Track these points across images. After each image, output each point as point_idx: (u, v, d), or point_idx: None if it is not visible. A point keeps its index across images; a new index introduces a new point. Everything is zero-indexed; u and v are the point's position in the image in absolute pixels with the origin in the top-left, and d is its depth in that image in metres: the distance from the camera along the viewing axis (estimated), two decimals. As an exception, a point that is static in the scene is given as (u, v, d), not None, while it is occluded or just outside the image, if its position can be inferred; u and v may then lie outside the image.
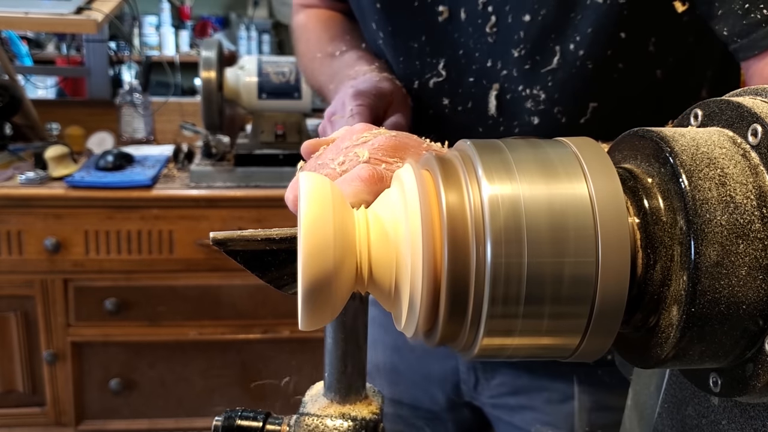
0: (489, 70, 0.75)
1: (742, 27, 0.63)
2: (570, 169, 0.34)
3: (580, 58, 0.71)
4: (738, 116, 0.34)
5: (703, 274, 0.31)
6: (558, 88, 0.73)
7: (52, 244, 1.84)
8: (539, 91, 0.73)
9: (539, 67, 0.72)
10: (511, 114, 0.76)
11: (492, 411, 0.94)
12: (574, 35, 0.70)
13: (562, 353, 0.35)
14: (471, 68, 0.76)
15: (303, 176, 0.36)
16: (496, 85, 0.75)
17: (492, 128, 0.77)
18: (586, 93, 0.73)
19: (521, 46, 0.72)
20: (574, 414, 0.89)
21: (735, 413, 0.37)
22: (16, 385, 1.98)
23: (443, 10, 0.74)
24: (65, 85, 2.97)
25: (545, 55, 0.72)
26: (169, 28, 3.93)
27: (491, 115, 0.76)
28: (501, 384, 0.92)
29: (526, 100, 0.74)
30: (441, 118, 0.79)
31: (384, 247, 0.36)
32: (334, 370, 0.47)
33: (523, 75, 0.73)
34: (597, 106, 0.74)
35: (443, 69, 0.77)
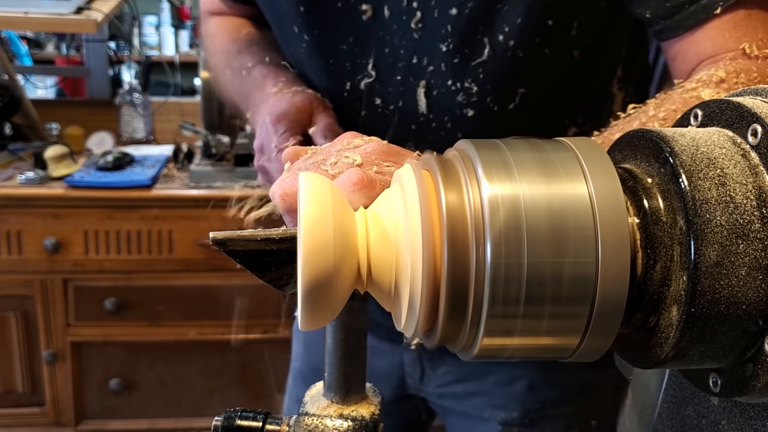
0: (415, 67, 0.75)
1: (665, 9, 0.65)
2: (570, 169, 0.34)
3: (510, 48, 0.71)
4: (738, 116, 0.34)
5: (702, 275, 0.31)
6: (489, 79, 0.73)
7: (52, 244, 1.84)
8: (471, 83, 0.74)
9: (469, 60, 0.72)
10: (442, 109, 0.76)
11: (439, 401, 0.95)
12: (503, 26, 0.70)
13: (561, 353, 0.35)
14: (398, 66, 0.76)
15: (303, 176, 0.36)
16: (423, 82, 0.75)
17: (424, 125, 0.77)
18: (516, 81, 0.74)
19: (449, 41, 0.72)
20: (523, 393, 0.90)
21: (735, 413, 0.37)
22: (16, 385, 1.98)
23: (366, 8, 0.74)
24: (65, 85, 2.97)
25: (474, 47, 0.72)
26: (168, 28, 3.92)
27: (422, 112, 0.76)
28: (447, 372, 0.92)
29: (457, 94, 0.74)
30: (374, 118, 0.79)
31: (384, 247, 0.36)
32: (333, 370, 0.47)
33: (452, 69, 0.73)
34: (525, 91, 0.74)
35: (372, 69, 0.77)
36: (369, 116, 0.79)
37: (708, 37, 0.65)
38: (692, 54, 0.66)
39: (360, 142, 0.53)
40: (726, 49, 0.64)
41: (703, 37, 0.65)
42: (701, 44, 0.65)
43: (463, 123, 0.76)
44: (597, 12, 0.73)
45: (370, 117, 0.79)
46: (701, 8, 0.64)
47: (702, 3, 0.64)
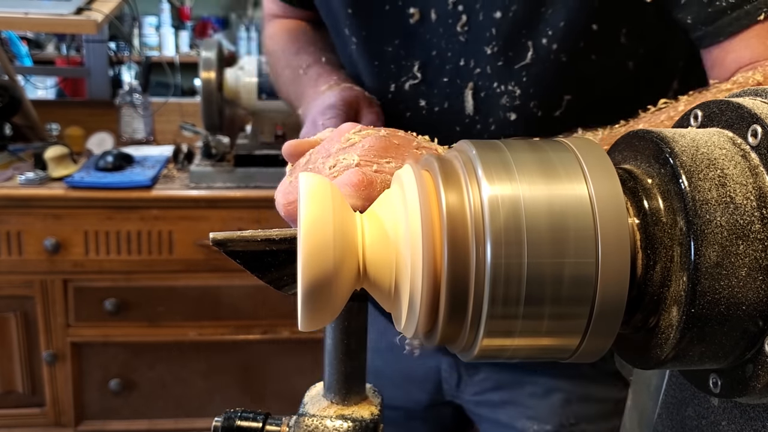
0: (462, 69, 0.75)
1: (707, 14, 0.64)
2: (570, 170, 0.34)
3: (553, 51, 0.71)
4: (738, 117, 0.34)
5: (702, 275, 0.31)
6: (532, 82, 0.73)
7: (52, 245, 1.84)
8: (514, 87, 0.74)
9: (513, 63, 0.73)
10: (487, 111, 0.76)
11: (475, 409, 0.94)
12: (546, 29, 0.70)
13: (562, 354, 0.35)
14: (445, 68, 0.76)
15: (303, 177, 0.36)
16: (471, 84, 0.75)
17: (469, 127, 0.77)
18: (561, 86, 0.74)
19: (494, 43, 0.72)
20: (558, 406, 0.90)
21: (735, 414, 0.37)
22: (16, 386, 1.98)
23: (414, 12, 0.75)
24: (65, 86, 2.97)
25: (518, 50, 0.72)
26: (169, 29, 3.93)
27: (468, 113, 0.76)
28: (484, 380, 0.92)
29: (501, 97, 0.75)
30: (419, 120, 0.79)
31: (384, 247, 0.36)
32: (333, 370, 0.47)
33: (496, 72, 0.74)
34: (571, 98, 0.74)
35: (418, 71, 0.78)
36: (413, 117, 0.79)
37: (747, 45, 0.64)
38: (730, 61, 0.66)
39: (356, 137, 0.52)
40: (765, 57, 0.64)
41: (743, 44, 0.64)
42: (739, 51, 0.65)
43: (506, 127, 0.76)
44: (646, 19, 0.71)
45: (414, 118, 0.79)
46: (744, 14, 0.63)
47: (745, 9, 0.63)
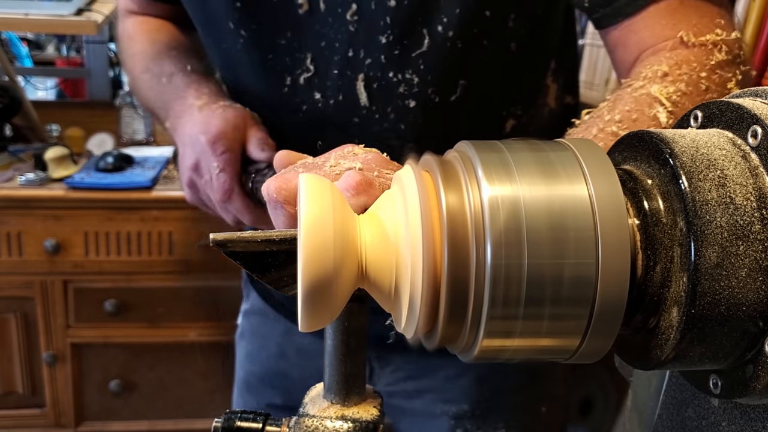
0: (352, 60, 0.74)
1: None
2: (570, 171, 0.34)
3: (449, 39, 0.71)
4: (738, 118, 0.34)
5: (703, 276, 0.31)
6: (430, 70, 0.73)
7: (52, 246, 1.84)
8: (412, 75, 0.74)
9: (409, 51, 0.73)
10: (384, 101, 0.75)
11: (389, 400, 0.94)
12: (441, 17, 0.70)
13: (562, 355, 0.35)
14: (334, 59, 0.75)
15: (303, 177, 0.36)
16: (362, 75, 0.75)
17: (367, 118, 0.77)
18: (456, 72, 0.74)
19: (388, 32, 0.72)
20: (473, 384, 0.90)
21: (735, 415, 0.37)
22: (16, 387, 1.98)
23: (302, 2, 0.74)
24: (65, 87, 2.97)
25: (414, 38, 0.72)
26: (169, 30, 3.92)
27: (363, 104, 0.76)
28: (396, 370, 0.92)
29: (398, 86, 0.74)
30: (315, 113, 0.78)
31: (384, 248, 0.36)
32: (334, 371, 0.47)
33: (392, 60, 0.73)
34: (466, 83, 0.75)
35: (311, 63, 0.76)
36: (309, 111, 0.78)
37: (646, 25, 0.65)
38: (632, 43, 0.67)
39: (360, 151, 0.52)
40: (665, 38, 0.65)
41: (641, 25, 0.66)
42: (640, 32, 0.66)
43: (405, 114, 0.76)
44: (532, 3, 0.74)
45: (310, 112, 0.78)
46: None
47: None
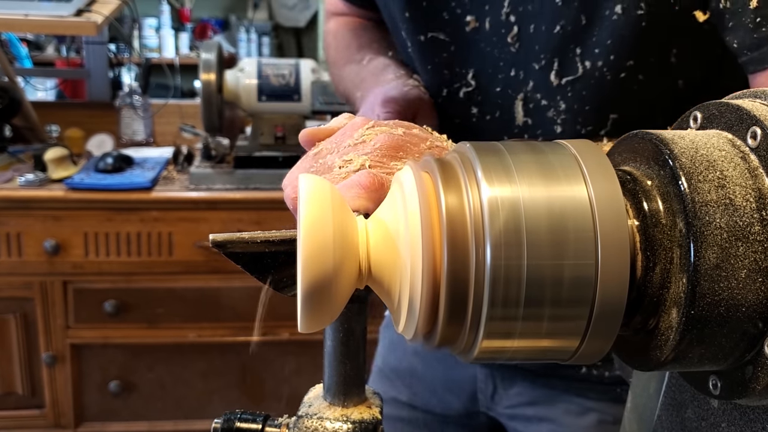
0: (513, 80, 0.75)
1: (753, 40, 0.62)
2: (569, 172, 0.34)
3: (599, 68, 0.70)
4: (737, 119, 0.35)
5: (702, 277, 0.31)
6: (578, 98, 0.73)
7: (52, 246, 1.84)
8: (560, 101, 0.74)
9: (560, 78, 0.73)
10: (537, 123, 0.76)
11: (508, 422, 0.94)
12: (593, 47, 0.70)
13: (561, 355, 0.35)
14: (497, 78, 0.76)
15: (302, 178, 0.36)
16: (521, 95, 0.76)
17: (519, 136, 0.78)
18: (607, 104, 0.73)
19: (542, 56, 0.73)
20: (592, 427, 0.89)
21: (734, 416, 0.37)
22: (15, 387, 1.98)
23: (470, 20, 0.75)
24: (65, 87, 2.97)
25: (565, 65, 0.72)
26: (168, 31, 3.92)
27: (518, 124, 0.77)
28: (518, 394, 0.91)
29: (548, 110, 0.75)
30: (468, 127, 0.79)
31: (383, 249, 0.36)
32: (333, 372, 0.47)
33: (544, 85, 0.74)
34: (617, 117, 0.73)
35: (472, 79, 0.78)
36: (463, 124, 0.80)
37: None
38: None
39: (370, 133, 0.52)
40: None
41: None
42: None
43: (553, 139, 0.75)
44: (701, 40, 0.70)
45: (464, 125, 0.79)
46: None
47: None
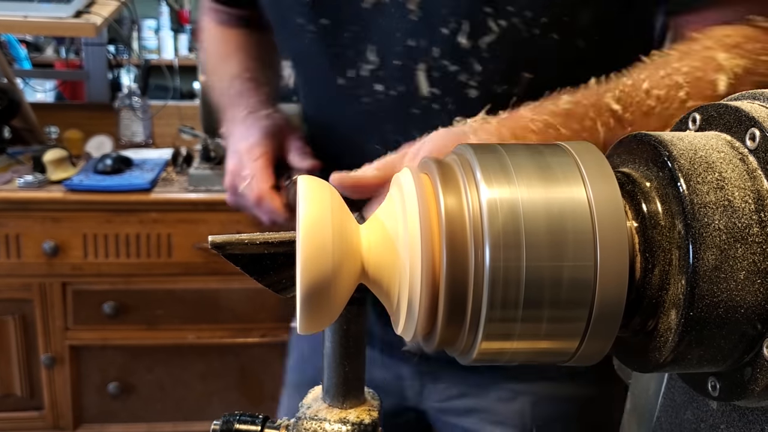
0: (414, 50, 0.74)
1: None
2: (568, 173, 0.34)
3: (514, 26, 0.71)
4: (736, 120, 0.35)
5: (701, 278, 0.31)
6: (494, 59, 0.73)
7: (51, 248, 1.83)
8: (474, 63, 0.73)
9: (473, 40, 0.72)
10: (445, 91, 0.75)
11: (439, 416, 0.94)
12: (505, 4, 0.70)
13: (560, 357, 0.35)
14: (395, 50, 0.75)
15: (301, 179, 0.36)
16: (423, 65, 0.75)
17: (427, 108, 0.77)
18: (521, 63, 0.74)
19: (450, 20, 0.72)
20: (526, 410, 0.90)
21: (733, 417, 0.37)
22: (14, 389, 1.97)
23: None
24: (64, 89, 2.97)
25: (480, 28, 0.72)
26: (168, 32, 3.92)
27: (424, 95, 0.76)
28: (447, 387, 0.91)
29: (459, 75, 0.74)
30: (377, 105, 0.79)
31: (383, 250, 0.36)
32: (332, 374, 0.47)
33: (455, 50, 0.73)
34: (531, 77, 0.74)
35: (374, 55, 0.77)
36: (371, 103, 0.79)
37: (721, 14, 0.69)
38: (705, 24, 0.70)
39: None
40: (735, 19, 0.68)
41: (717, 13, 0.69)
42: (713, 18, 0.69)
43: (466, 106, 0.74)
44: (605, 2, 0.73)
45: (372, 104, 0.79)
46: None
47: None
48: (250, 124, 0.83)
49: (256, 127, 0.82)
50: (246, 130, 0.83)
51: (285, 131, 0.83)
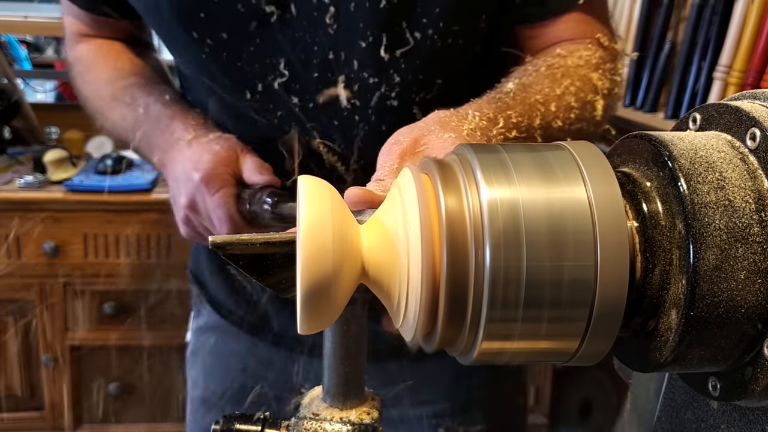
0: (332, 62, 0.74)
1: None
2: (569, 173, 0.34)
3: (430, 37, 0.72)
4: (736, 120, 0.35)
5: (701, 278, 0.31)
6: (412, 69, 0.74)
7: (51, 248, 1.83)
8: (393, 74, 0.74)
9: (390, 51, 0.73)
10: (365, 101, 0.76)
11: None
12: (420, 17, 0.71)
13: (561, 357, 0.35)
14: (313, 63, 0.74)
15: (302, 179, 0.36)
16: (342, 77, 0.75)
17: (348, 119, 0.76)
18: (436, 70, 0.75)
19: (369, 33, 0.72)
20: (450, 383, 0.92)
21: (734, 417, 0.37)
22: (15, 390, 1.97)
23: (271, 10, 0.73)
24: (64, 89, 2.96)
25: (396, 38, 0.72)
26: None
27: (344, 106, 0.76)
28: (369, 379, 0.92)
29: (379, 86, 0.74)
30: (292, 118, 0.78)
31: (383, 250, 0.36)
32: (333, 374, 0.47)
33: (374, 61, 0.73)
34: (442, 83, 0.76)
35: (284, 68, 0.75)
36: (286, 116, 0.78)
37: (566, 26, 0.76)
38: (552, 36, 0.77)
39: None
40: (583, 36, 0.76)
41: (563, 25, 0.76)
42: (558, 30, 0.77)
43: (387, 115, 0.76)
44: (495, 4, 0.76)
45: (287, 117, 0.78)
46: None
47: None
48: (198, 151, 0.75)
49: (207, 153, 0.74)
50: (196, 158, 0.74)
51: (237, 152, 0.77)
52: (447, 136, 0.53)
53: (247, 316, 0.96)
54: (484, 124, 0.58)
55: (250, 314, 0.96)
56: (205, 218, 0.76)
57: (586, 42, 0.76)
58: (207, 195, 0.73)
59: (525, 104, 0.65)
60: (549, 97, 0.67)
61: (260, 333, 0.96)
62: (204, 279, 1.02)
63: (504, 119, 0.61)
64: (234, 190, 0.75)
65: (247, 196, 0.75)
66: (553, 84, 0.68)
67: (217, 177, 0.73)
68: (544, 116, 0.65)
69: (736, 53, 1.26)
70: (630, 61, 1.60)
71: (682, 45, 1.40)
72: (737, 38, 1.26)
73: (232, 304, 0.97)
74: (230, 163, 0.75)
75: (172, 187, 0.78)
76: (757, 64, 1.22)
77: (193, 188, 0.74)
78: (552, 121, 0.66)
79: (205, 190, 0.73)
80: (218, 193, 0.73)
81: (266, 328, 0.95)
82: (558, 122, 0.67)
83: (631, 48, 1.60)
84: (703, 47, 1.34)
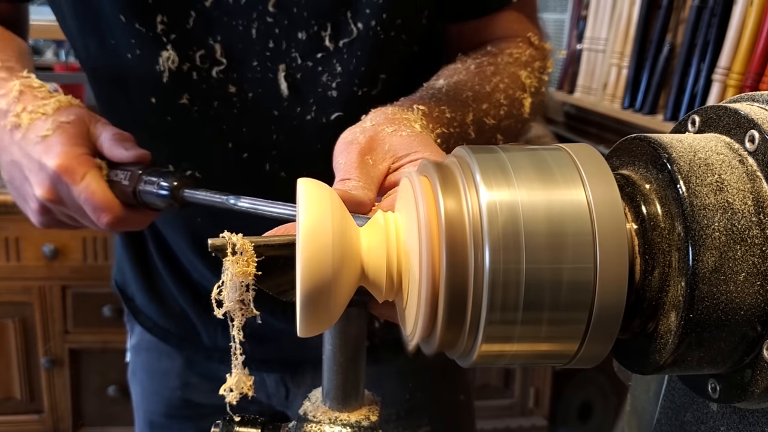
0: (273, 51, 0.73)
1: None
2: (568, 175, 0.34)
3: (372, 28, 0.72)
4: (735, 122, 0.35)
5: (701, 280, 0.31)
6: (354, 60, 0.73)
7: (51, 251, 1.83)
8: (336, 64, 0.73)
9: (333, 41, 0.73)
10: (306, 92, 0.75)
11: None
12: (364, 8, 0.71)
13: (560, 359, 0.35)
14: (252, 51, 0.73)
15: (301, 182, 0.36)
16: (283, 66, 0.73)
17: (289, 109, 0.75)
18: (378, 63, 0.75)
19: (312, 22, 0.71)
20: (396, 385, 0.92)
21: (734, 419, 0.37)
22: (14, 392, 1.97)
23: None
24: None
25: (339, 28, 0.72)
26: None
27: (285, 96, 0.75)
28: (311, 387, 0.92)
29: (321, 75, 0.74)
30: (231, 107, 0.76)
31: (383, 253, 0.36)
32: (332, 376, 0.47)
33: (315, 50, 0.73)
34: (386, 77, 0.76)
35: (222, 56, 0.73)
36: (223, 106, 0.75)
37: (500, 25, 0.79)
38: (485, 34, 0.79)
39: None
40: (515, 35, 0.78)
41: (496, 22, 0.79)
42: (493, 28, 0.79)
43: (328, 106, 0.75)
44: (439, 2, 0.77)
45: (225, 106, 0.75)
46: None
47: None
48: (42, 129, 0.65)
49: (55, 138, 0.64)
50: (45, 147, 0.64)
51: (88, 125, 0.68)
52: (405, 134, 0.51)
53: (177, 330, 0.93)
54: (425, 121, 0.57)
55: (178, 327, 0.93)
56: (72, 207, 0.66)
57: (517, 40, 0.77)
58: (71, 185, 0.64)
59: (457, 101, 0.64)
60: (480, 94, 0.67)
61: (191, 347, 0.93)
62: (130, 291, 0.97)
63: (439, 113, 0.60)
64: (100, 172, 0.66)
65: (126, 179, 0.66)
66: (483, 81, 0.69)
67: (77, 162, 0.63)
68: (476, 112, 0.65)
69: (735, 55, 1.26)
70: (629, 63, 1.60)
71: (681, 47, 1.40)
72: (736, 40, 1.26)
73: (160, 317, 0.94)
74: (84, 139, 0.66)
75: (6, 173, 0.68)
76: (756, 66, 1.22)
77: (49, 178, 0.64)
78: (484, 117, 0.66)
79: (67, 180, 0.63)
80: (84, 181, 0.63)
81: (197, 342, 0.92)
82: (490, 119, 0.67)
83: (630, 50, 1.60)
84: (702, 49, 1.35)
